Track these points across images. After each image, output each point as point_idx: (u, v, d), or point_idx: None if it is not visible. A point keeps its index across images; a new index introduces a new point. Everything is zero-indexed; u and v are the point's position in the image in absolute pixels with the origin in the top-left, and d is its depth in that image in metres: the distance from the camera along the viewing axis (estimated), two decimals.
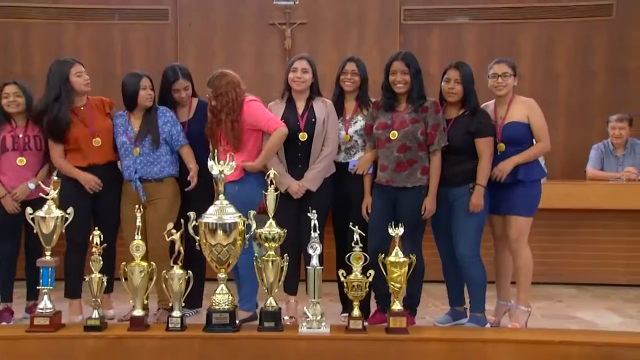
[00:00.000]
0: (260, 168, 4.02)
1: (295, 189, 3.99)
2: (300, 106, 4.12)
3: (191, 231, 3.45)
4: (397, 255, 3.46)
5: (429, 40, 6.85)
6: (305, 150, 4.06)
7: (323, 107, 4.09)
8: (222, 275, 3.49)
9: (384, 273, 3.48)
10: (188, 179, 4.11)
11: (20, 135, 4.13)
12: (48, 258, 3.52)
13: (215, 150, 3.63)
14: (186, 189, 4.10)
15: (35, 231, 3.53)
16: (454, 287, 4.13)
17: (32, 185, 4.07)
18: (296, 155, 4.07)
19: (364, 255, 3.44)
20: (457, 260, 3.96)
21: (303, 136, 4.04)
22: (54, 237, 3.53)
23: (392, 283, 3.46)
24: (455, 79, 3.92)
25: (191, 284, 3.53)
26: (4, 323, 4.03)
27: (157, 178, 4.10)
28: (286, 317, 3.93)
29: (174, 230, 3.53)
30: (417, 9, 6.85)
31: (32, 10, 6.92)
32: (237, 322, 3.46)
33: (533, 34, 6.79)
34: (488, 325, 3.95)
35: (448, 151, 3.91)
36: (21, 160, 4.11)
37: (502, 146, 3.92)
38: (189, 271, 3.52)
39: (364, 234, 3.55)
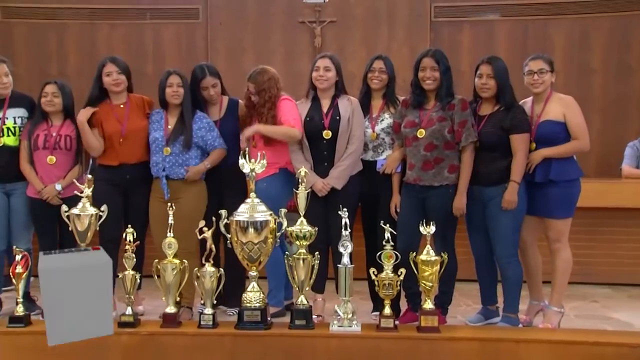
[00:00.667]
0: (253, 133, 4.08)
1: (320, 187, 3.99)
2: (325, 104, 4.13)
3: (222, 229, 3.47)
4: (428, 253, 3.44)
5: (460, 37, 6.78)
6: (330, 148, 4.06)
7: (348, 105, 4.09)
8: (253, 273, 3.50)
9: (415, 271, 3.46)
10: (186, 172, 4.10)
11: (53, 134, 4.19)
12: None
13: (247, 149, 3.64)
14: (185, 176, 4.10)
15: (70, 228, 3.59)
16: (486, 285, 4.09)
17: (59, 187, 4.12)
18: (321, 153, 4.08)
19: (395, 254, 3.42)
20: (490, 258, 3.93)
21: (327, 134, 4.05)
22: (89, 234, 3.57)
23: (424, 282, 3.44)
24: (487, 74, 3.87)
25: (222, 282, 3.55)
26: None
27: (184, 178, 4.14)
28: (314, 316, 3.93)
29: (205, 228, 3.56)
30: (448, 6, 6.79)
31: (66, 12, 7.02)
32: (268, 319, 3.47)
33: (566, 30, 6.67)
34: (520, 326, 3.91)
35: (481, 148, 3.86)
36: (51, 159, 4.17)
37: (533, 145, 3.87)
38: (221, 269, 3.54)
39: (394, 232, 3.54)
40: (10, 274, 3.50)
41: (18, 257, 3.52)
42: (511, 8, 6.72)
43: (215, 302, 3.55)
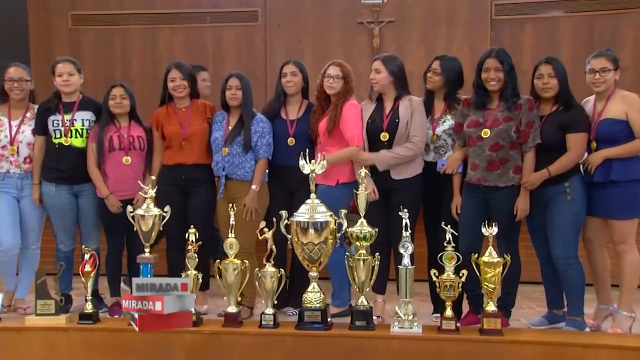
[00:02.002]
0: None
1: (371, 197, 3.88)
2: (388, 106, 4.12)
3: (283, 230, 3.50)
4: (490, 255, 3.39)
5: (522, 36, 6.64)
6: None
7: (408, 107, 4.05)
8: (313, 273, 3.51)
9: (477, 273, 3.41)
10: (245, 210, 4.11)
11: (125, 135, 4.29)
12: (147, 255, 3.65)
13: (307, 150, 3.65)
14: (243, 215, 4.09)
15: (135, 229, 3.68)
16: (551, 289, 3.99)
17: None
18: None
19: (457, 255, 3.38)
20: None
21: (384, 136, 4.03)
22: (153, 234, 3.65)
23: (486, 283, 3.39)
24: (548, 74, 3.80)
25: (283, 282, 3.57)
26: (116, 316, 4.22)
27: (242, 179, 4.21)
28: (374, 317, 3.92)
29: (266, 229, 3.58)
30: (509, 4, 6.66)
31: (129, 17, 7.22)
32: (329, 320, 3.48)
33: (637, 24, 6.42)
34: (587, 329, 3.79)
35: (541, 148, 3.79)
36: (127, 160, 4.26)
37: (593, 144, 3.77)
38: (281, 269, 3.56)
39: (456, 234, 3.49)
40: (80, 272, 3.61)
41: (86, 256, 3.62)
42: (576, 3, 6.52)
43: (276, 302, 3.57)
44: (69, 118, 4.31)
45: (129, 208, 3.69)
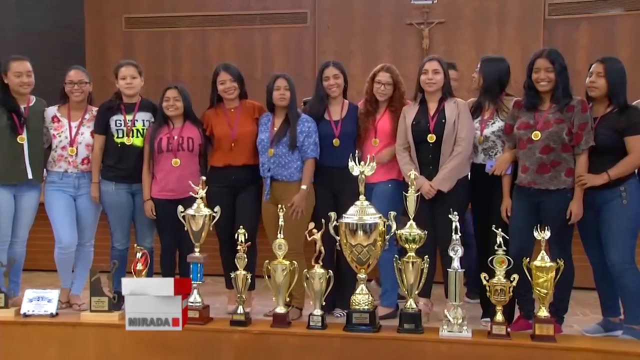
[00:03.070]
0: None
1: (427, 189, 3.95)
2: (432, 107, 4.10)
3: (332, 231, 3.49)
4: (543, 259, 3.32)
5: (576, 35, 6.50)
6: (434, 151, 4.03)
7: (454, 108, 4.03)
8: (361, 275, 3.50)
9: (529, 277, 3.35)
10: (292, 209, 4.10)
11: (175, 137, 4.34)
12: (197, 254, 3.69)
13: (357, 151, 3.65)
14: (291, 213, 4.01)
15: (185, 228, 3.73)
16: (607, 295, 3.89)
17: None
18: (426, 157, 4.06)
19: (508, 259, 3.32)
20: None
21: (432, 138, 4.02)
22: (203, 234, 3.69)
23: (538, 288, 3.32)
24: (598, 72, 3.72)
25: (331, 284, 3.57)
26: None
27: (288, 180, 4.22)
28: None
29: (315, 230, 3.58)
30: (564, 3, 6.52)
31: (181, 20, 7.35)
32: (377, 322, 3.46)
33: None
34: None
35: (594, 151, 3.70)
36: (175, 162, 4.31)
37: None
38: (330, 271, 3.56)
39: (507, 237, 3.44)
40: (132, 270, 3.67)
41: (138, 255, 3.68)
42: (636, 1, 6.32)
43: (324, 303, 3.57)
44: (130, 118, 4.40)
45: (180, 208, 3.74)
